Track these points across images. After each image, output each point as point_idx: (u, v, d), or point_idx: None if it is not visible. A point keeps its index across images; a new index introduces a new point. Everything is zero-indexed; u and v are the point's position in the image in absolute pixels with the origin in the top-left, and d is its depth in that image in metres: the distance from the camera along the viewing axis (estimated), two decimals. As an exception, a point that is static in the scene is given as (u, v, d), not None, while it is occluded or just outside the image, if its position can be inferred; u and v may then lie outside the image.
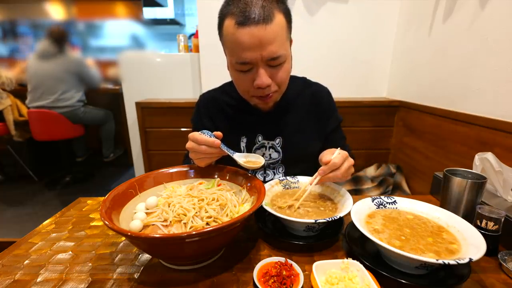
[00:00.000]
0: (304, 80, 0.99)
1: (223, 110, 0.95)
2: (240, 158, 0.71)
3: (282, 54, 0.71)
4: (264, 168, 0.93)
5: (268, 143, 0.91)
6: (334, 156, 0.68)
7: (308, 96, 0.94)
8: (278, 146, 0.91)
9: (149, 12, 3.75)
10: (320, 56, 2.01)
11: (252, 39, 0.67)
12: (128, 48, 3.37)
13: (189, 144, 0.71)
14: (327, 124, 0.94)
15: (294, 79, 0.95)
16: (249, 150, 0.92)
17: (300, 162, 0.90)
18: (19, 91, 2.80)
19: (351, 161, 0.72)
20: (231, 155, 0.70)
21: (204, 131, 0.70)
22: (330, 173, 0.68)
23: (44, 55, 2.51)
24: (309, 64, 2.00)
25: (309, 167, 0.85)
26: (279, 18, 0.69)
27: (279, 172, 0.93)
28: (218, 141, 0.68)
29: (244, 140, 0.92)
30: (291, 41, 0.82)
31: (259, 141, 0.91)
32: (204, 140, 0.68)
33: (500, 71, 1.11)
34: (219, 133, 0.71)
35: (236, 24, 0.67)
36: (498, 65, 1.12)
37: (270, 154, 0.91)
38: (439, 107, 1.47)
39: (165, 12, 3.88)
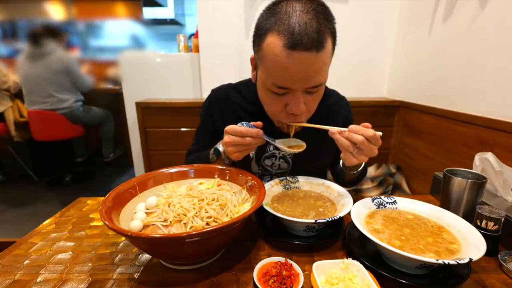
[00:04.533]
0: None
1: (236, 112, 0.89)
2: (282, 144, 0.73)
3: (323, 82, 0.67)
4: (271, 176, 0.91)
5: (279, 153, 0.88)
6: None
7: (326, 107, 0.88)
8: (289, 157, 0.88)
9: (149, 12, 3.75)
10: (320, 56, 2.01)
11: (299, 67, 0.60)
12: (128, 48, 3.37)
13: (228, 138, 0.69)
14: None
15: None
16: (258, 158, 0.90)
17: (309, 174, 0.87)
18: (20, 91, 2.80)
19: (376, 143, 0.64)
20: (272, 143, 0.72)
21: (243, 122, 0.71)
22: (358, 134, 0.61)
23: (32, 56, 2.42)
24: (309, 64, 2.00)
25: (302, 162, 0.83)
26: (329, 44, 0.62)
27: None
28: (261, 131, 0.69)
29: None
30: None
31: (270, 150, 0.88)
32: (249, 132, 0.67)
33: (500, 71, 1.11)
34: (259, 123, 0.71)
35: (284, 47, 0.59)
36: (498, 65, 1.12)
37: (279, 164, 0.89)
38: (439, 107, 1.47)
39: (165, 12, 3.88)
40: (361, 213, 0.63)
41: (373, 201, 0.68)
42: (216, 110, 0.91)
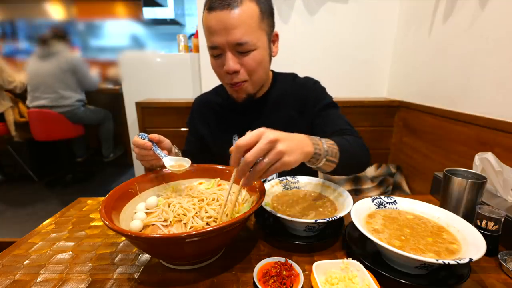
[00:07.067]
0: (293, 76, 0.98)
1: (215, 111, 0.97)
2: (169, 162, 0.70)
3: (249, 41, 0.73)
4: None
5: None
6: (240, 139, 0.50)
7: (296, 88, 0.93)
8: None
9: (149, 12, 3.75)
10: (320, 55, 2.01)
11: (217, 23, 0.71)
12: (128, 48, 3.38)
13: (135, 156, 0.73)
14: (313, 110, 0.89)
15: (283, 76, 0.97)
16: None
17: None
18: (23, 91, 2.80)
19: (275, 136, 0.49)
20: (161, 158, 0.70)
21: (141, 133, 0.71)
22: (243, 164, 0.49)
23: (43, 55, 2.53)
24: (309, 64, 2.00)
25: (301, 165, 0.84)
26: (248, 5, 0.71)
27: None
28: (149, 143, 0.69)
29: (236, 138, 0.92)
30: (276, 36, 0.83)
31: None
32: (136, 143, 0.69)
33: (500, 71, 1.11)
34: (154, 136, 0.71)
35: (206, 11, 0.73)
36: (498, 65, 1.12)
37: None
38: (439, 107, 1.47)
39: (165, 12, 3.88)
40: (361, 213, 0.63)
41: (373, 201, 0.68)
42: (198, 116, 1.00)
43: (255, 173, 0.50)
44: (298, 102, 0.92)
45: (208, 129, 0.98)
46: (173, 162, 0.71)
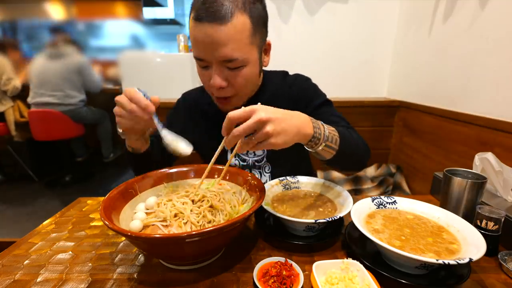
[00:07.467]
0: (283, 74, 0.95)
1: (204, 111, 0.92)
2: (168, 135, 0.62)
3: (238, 57, 0.67)
4: (250, 168, 0.91)
5: None
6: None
7: (287, 88, 0.90)
8: None
9: (149, 12, 3.75)
10: (320, 55, 2.01)
11: (205, 38, 0.65)
12: (128, 48, 3.37)
13: (116, 107, 0.61)
14: (306, 110, 0.85)
15: (273, 74, 0.93)
16: (232, 147, 0.90)
17: (285, 159, 0.86)
18: (19, 93, 2.81)
19: (266, 116, 0.50)
20: (159, 129, 0.61)
21: (142, 90, 0.61)
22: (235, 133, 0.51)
23: (52, 55, 2.59)
24: (309, 64, 2.00)
25: (296, 164, 0.82)
26: (240, 20, 0.65)
27: (265, 172, 0.91)
28: (153, 106, 0.60)
29: None
30: (268, 45, 0.78)
31: None
32: (137, 99, 0.58)
33: (500, 71, 1.11)
34: (156, 99, 0.62)
35: (193, 19, 0.65)
36: (498, 65, 1.12)
37: (254, 151, 0.88)
38: (439, 107, 1.47)
39: (165, 12, 3.87)
40: (361, 213, 0.63)
41: (373, 201, 0.68)
42: (186, 113, 0.94)
43: (243, 146, 0.53)
44: (290, 101, 0.88)
45: (197, 132, 0.92)
46: (173, 137, 0.62)
